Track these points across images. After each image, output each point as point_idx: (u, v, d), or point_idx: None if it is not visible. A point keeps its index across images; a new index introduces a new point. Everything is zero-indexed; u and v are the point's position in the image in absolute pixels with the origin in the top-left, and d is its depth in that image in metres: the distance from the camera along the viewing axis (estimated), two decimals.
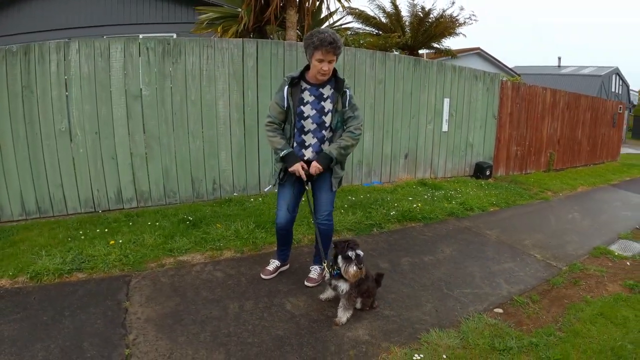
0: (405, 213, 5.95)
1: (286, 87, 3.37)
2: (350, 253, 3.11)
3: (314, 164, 3.41)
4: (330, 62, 3.26)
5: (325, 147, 3.49)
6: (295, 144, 3.49)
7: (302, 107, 3.41)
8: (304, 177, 3.40)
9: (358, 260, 3.11)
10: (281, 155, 3.41)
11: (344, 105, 3.44)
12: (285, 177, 3.56)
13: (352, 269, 3.09)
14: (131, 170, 5.57)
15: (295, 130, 3.46)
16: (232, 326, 3.15)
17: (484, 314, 3.49)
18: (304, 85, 3.43)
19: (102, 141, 5.36)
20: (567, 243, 5.55)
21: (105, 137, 5.36)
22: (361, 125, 3.51)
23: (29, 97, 4.95)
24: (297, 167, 3.39)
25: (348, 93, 3.44)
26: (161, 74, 5.56)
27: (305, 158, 3.48)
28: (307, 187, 3.55)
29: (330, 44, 3.16)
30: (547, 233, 5.91)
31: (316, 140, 3.48)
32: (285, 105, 3.38)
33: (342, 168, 3.63)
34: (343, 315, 3.25)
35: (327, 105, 3.43)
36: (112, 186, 5.50)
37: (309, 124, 3.45)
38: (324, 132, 3.48)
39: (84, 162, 5.31)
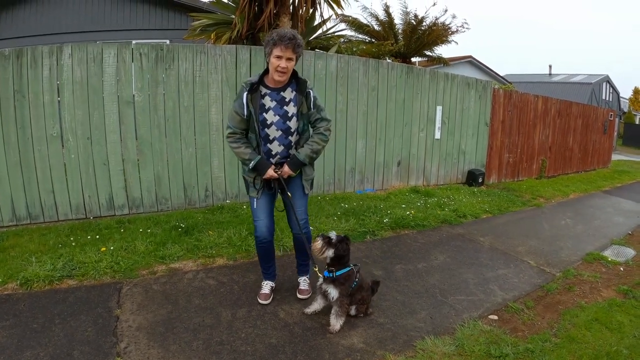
0: (399, 220, 5.94)
1: (245, 94, 3.18)
2: (322, 234, 3.22)
3: (285, 168, 3.29)
4: (288, 59, 3.10)
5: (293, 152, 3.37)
6: (261, 154, 3.32)
7: (264, 114, 3.23)
8: (276, 177, 3.29)
9: (326, 239, 3.19)
10: (251, 165, 3.25)
11: (309, 108, 3.30)
12: (263, 188, 3.40)
13: (317, 243, 3.18)
14: (123, 176, 5.52)
15: (260, 139, 3.28)
16: (225, 334, 3.12)
17: (478, 321, 3.48)
18: (264, 90, 3.24)
19: (94, 147, 5.31)
20: (561, 249, 5.56)
21: (97, 142, 5.32)
22: (330, 126, 3.41)
23: (20, 102, 4.91)
24: (271, 174, 3.26)
25: (312, 94, 3.30)
26: (154, 79, 5.54)
27: (274, 161, 3.34)
28: (288, 194, 3.40)
29: (290, 40, 3.04)
30: (540, 239, 5.92)
31: (283, 147, 3.32)
32: (246, 113, 3.20)
33: (312, 169, 3.51)
34: (336, 323, 3.22)
35: (291, 109, 3.27)
36: (104, 192, 5.44)
37: (273, 132, 3.27)
38: (290, 138, 3.32)
39: (75, 168, 5.27)
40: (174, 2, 12.09)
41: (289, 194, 3.41)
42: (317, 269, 3.31)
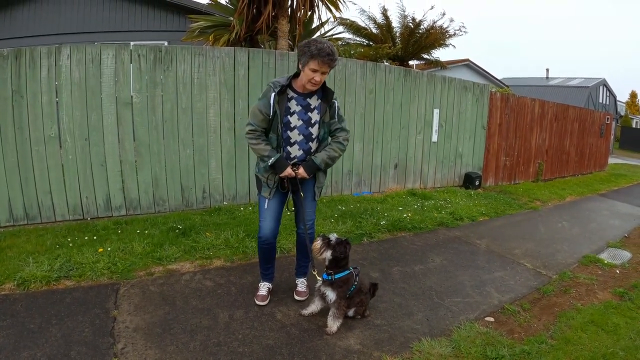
0: (396, 223, 5.95)
1: (273, 94, 3.20)
2: (323, 235, 3.24)
3: (301, 170, 3.29)
4: (323, 73, 3.13)
5: None
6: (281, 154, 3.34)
7: (288, 116, 3.27)
8: (293, 175, 3.30)
9: (326, 240, 3.20)
10: (270, 163, 3.24)
11: (332, 117, 3.37)
12: (276, 190, 3.41)
13: (317, 242, 3.20)
14: (120, 177, 5.52)
15: (282, 140, 3.30)
16: (222, 335, 3.12)
17: (475, 323, 3.49)
18: (291, 93, 3.27)
19: (92, 148, 5.31)
20: (557, 252, 5.58)
21: (95, 143, 5.32)
22: (349, 136, 3.48)
23: (18, 102, 4.90)
24: (289, 172, 3.27)
25: (336, 104, 3.37)
26: (152, 81, 5.54)
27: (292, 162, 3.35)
28: (301, 193, 3.41)
29: (328, 55, 3.04)
30: (536, 242, 5.94)
31: (302, 152, 3.36)
32: (272, 113, 3.22)
33: (325, 176, 3.58)
34: (333, 324, 3.23)
35: (315, 116, 3.32)
36: (101, 193, 5.44)
37: (295, 135, 3.31)
38: (310, 144, 3.37)
39: (73, 169, 5.26)
40: (173, 3, 12.10)
41: (302, 194, 3.43)
42: (315, 272, 3.31)
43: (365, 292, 3.44)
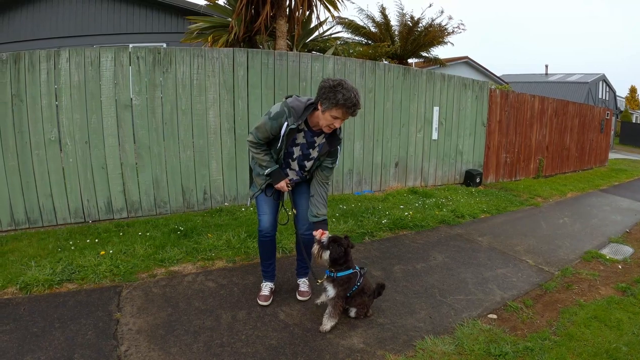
0: (397, 221, 5.96)
1: (286, 125, 3.10)
2: (324, 238, 3.23)
3: (321, 232, 3.30)
4: (343, 120, 3.09)
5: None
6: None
7: (293, 147, 3.29)
8: (288, 189, 3.39)
9: (319, 243, 3.21)
10: (266, 172, 3.30)
11: (329, 156, 3.34)
12: (271, 191, 3.47)
13: (314, 248, 3.21)
14: (121, 180, 5.52)
15: (282, 162, 3.36)
16: (225, 336, 3.12)
17: (478, 320, 3.49)
18: (303, 126, 3.21)
19: (92, 151, 5.31)
20: (559, 248, 5.58)
21: (95, 146, 5.32)
22: (332, 175, 3.55)
23: (18, 106, 4.91)
24: (283, 185, 3.34)
25: (339, 149, 3.36)
26: (152, 83, 5.54)
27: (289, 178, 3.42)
28: (293, 211, 3.53)
29: (354, 106, 2.98)
30: (538, 238, 5.94)
31: (297, 176, 3.46)
32: (279, 141, 3.18)
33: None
34: (327, 323, 3.24)
35: (314, 153, 3.34)
36: (102, 196, 5.45)
37: (293, 164, 3.38)
38: (303, 172, 3.45)
39: (73, 172, 5.27)
40: (171, 5, 12.10)
41: (294, 210, 3.53)
42: (315, 279, 3.35)
43: (370, 294, 3.42)
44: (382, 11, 15.89)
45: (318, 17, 16.66)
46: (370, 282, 3.55)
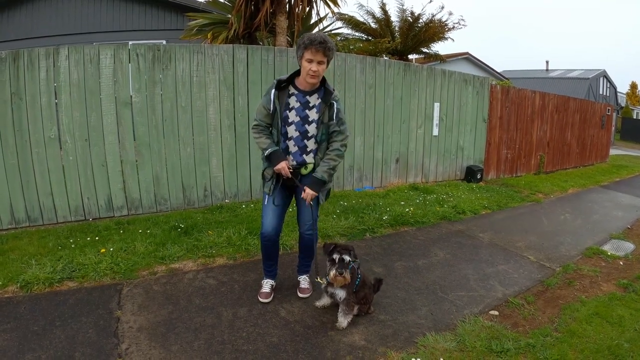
0: (398, 217, 5.94)
1: (273, 90, 3.26)
2: (334, 256, 3.11)
3: (308, 191, 3.30)
4: (319, 63, 3.14)
5: (309, 158, 3.38)
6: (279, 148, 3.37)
7: (287, 112, 3.30)
8: (289, 175, 3.28)
9: (341, 264, 3.08)
10: (266, 154, 3.30)
11: (330, 118, 3.33)
12: (277, 187, 3.41)
13: (332, 272, 3.09)
14: (121, 177, 5.51)
15: (281, 135, 3.34)
16: (226, 334, 3.12)
17: (479, 317, 3.48)
18: (292, 90, 3.32)
19: (92, 148, 5.30)
20: (560, 244, 5.57)
21: (95, 144, 5.31)
22: (347, 141, 3.46)
23: (18, 104, 4.89)
24: (283, 166, 3.26)
25: (336, 106, 3.33)
26: (151, 80, 5.52)
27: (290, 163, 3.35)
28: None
29: (320, 43, 3.08)
30: (539, 235, 5.92)
31: (297, 149, 3.35)
32: (272, 109, 3.27)
33: (331, 180, 3.51)
34: (344, 320, 3.24)
35: (312, 114, 3.31)
36: (103, 194, 5.44)
37: (292, 131, 3.32)
38: (305, 141, 3.35)
39: (73, 170, 5.25)
40: (170, 2, 12.08)
41: (300, 197, 3.42)
42: (318, 279, 3.32)
43: (369, 286, 3.43)
44: (382, 7, 15.86)
45: (318, 13, 16.67)
46: (367, 274, 3.54)
